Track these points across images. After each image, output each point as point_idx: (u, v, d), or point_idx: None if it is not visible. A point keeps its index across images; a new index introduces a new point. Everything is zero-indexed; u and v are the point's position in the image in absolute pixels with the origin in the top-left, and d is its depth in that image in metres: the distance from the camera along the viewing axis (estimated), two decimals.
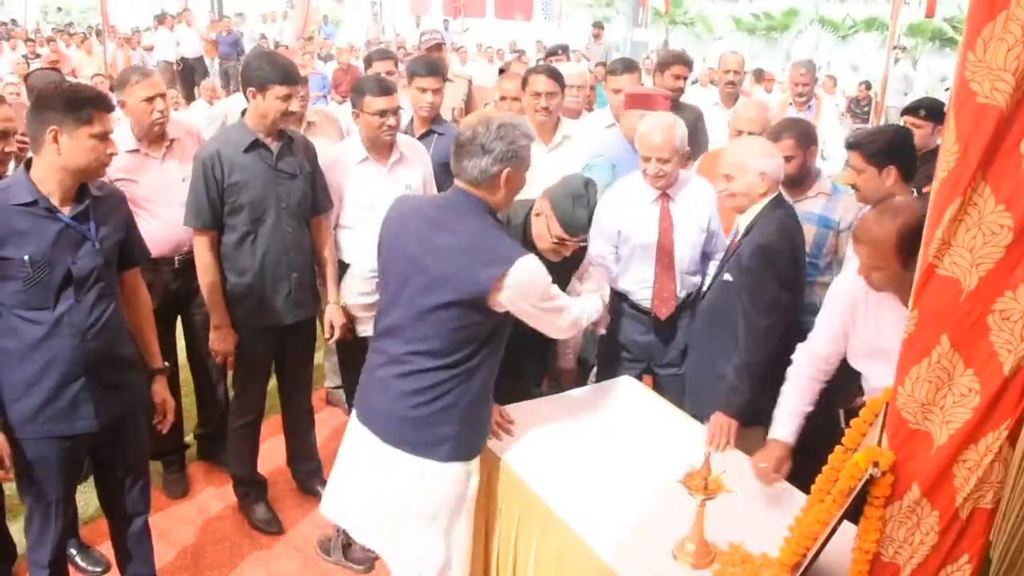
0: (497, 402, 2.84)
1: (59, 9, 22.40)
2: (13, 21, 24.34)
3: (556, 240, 2.79)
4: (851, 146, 3.30)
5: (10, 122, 3.22)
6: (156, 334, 3.05)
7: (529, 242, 2.85)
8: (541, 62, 6.64)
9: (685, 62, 4.92)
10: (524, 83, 4.20)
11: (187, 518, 3.88)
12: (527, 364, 3.23)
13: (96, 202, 2.64)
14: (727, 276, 3.12)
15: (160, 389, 3.01)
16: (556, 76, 4.11)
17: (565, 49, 8.00)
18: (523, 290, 2.41)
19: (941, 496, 1.75)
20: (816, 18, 24.42)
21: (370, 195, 3.62)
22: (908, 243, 2.27)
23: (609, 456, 2.80)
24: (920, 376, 1.70)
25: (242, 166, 3.32)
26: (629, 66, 4.65)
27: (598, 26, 15.25)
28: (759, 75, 12.46)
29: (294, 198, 3.42)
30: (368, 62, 5.14)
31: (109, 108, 2.61)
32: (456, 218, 2.47)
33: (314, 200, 3.53)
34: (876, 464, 1.76)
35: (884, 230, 2.35)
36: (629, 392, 3.28)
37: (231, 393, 3.91)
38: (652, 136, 3.31)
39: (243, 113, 3.43)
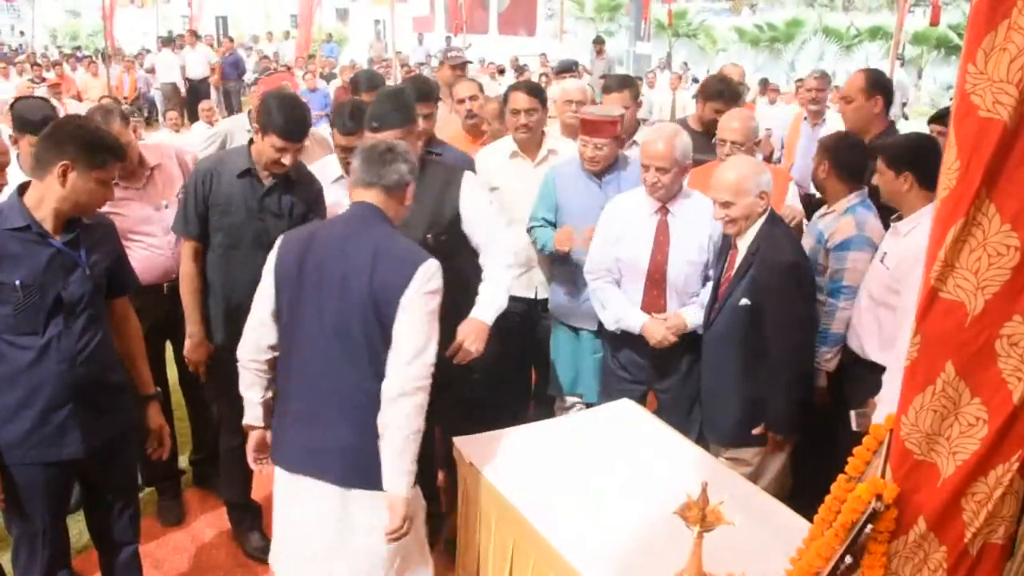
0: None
1: (22, 34, 22.36)
2: (21, 46, 24.59)
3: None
4: (877, 150, 3.33)
5: (3, 155, 3.24)
6: (147, 361, 3.01)
7: None
8: (553, 79, 6.53)
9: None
10: (505, 99, 4.13)
11: (181, 546, 3.80)
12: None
13: (87, 229, 2.65)
14: (744, 301, 3.07)
15: (155, 415, 2.98)
16: (535, 93, 4.02)
17: (576, 66, 7.91)
18: (424, 292, 2.42)
19: (949, 531, 1.67)
20: (820, 28, 24.45)
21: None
22: None
23: (607, 483, 2.72)
24: (924, 405, 1.62)
25: (228, 190, 3.28)
26: (624, 83, 4.47)
27: (599, 42, 15.24)
28: (764, 86, 12.42)
29: (273, 236, 3.26)
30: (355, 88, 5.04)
31: (122, 158, 2.70)
32: (367, 227, 2.50)
33: None
34: (879, 497, 1.67)
35: None
36: (629, 415, 3.19)
37: None
38: (653, 144, 3.26)
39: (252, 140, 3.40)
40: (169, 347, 3.94)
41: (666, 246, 3.37)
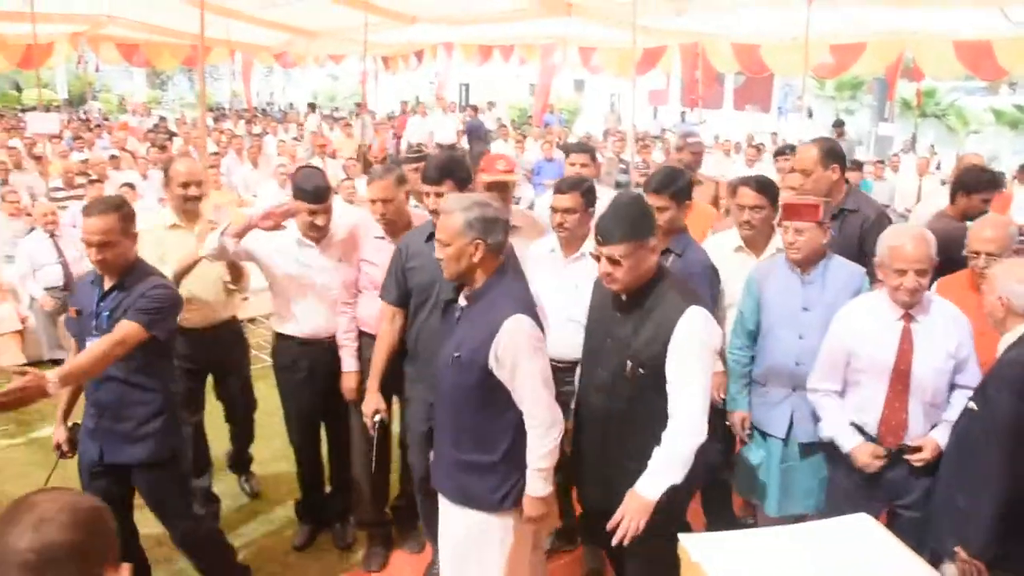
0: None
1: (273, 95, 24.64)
2: (291, 105, 27.21)
3: None
4: None
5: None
6: None
7: None
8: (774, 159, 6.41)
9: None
10: (733, 191, 4.03)
11: None
12: None
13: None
14: (971, 404, 2.90)
15: None
16: (764, 190, 3.83)
17: (793, 149, 7.75)
18: None
19: None
20: None
21: (547, 283, 3.61)
22: None
23: None
24: None
25: (419, 253, 3.60)
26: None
27: (839, 124, 14.70)
28: (1022, 172, 11.26)
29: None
30: (567, 152, 5.30)
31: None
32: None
33: None
34: None
35: None
36: (864, 532, 3.00)
37: None
38: (907, 247, 3.09)
39: None
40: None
41: (910, 354, 3.19)
